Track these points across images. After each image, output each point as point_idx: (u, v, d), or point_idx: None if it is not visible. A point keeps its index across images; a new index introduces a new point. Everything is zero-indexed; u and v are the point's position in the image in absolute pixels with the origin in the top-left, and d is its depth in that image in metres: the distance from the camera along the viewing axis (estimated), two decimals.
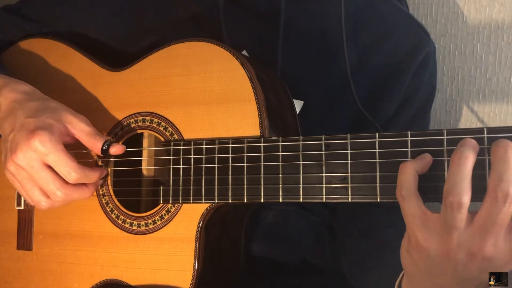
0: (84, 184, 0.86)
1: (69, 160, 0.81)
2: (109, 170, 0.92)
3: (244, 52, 0.94)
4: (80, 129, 0.85)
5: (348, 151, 0.71)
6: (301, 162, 0.74)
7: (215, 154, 0.81)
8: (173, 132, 0.86)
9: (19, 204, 0.99)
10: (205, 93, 0.84)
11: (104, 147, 0.85)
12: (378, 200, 0.69)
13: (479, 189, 0.61)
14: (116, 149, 0.86)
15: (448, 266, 0.62)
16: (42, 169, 0.81)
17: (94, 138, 0.85)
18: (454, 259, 0.61)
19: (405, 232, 0.66)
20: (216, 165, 0.81)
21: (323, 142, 0.73)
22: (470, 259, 0.60)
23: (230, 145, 0.80)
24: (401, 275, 0.72)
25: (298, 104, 0.92)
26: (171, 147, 0.85)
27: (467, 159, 0.59)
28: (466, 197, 0.58)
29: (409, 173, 0.63)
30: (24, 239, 0.98)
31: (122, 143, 0.91)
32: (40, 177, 0.81)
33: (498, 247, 0.59)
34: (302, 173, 0.74)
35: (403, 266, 0.68)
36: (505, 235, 0.59)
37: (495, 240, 0.59)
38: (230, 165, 0.80)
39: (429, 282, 0.65)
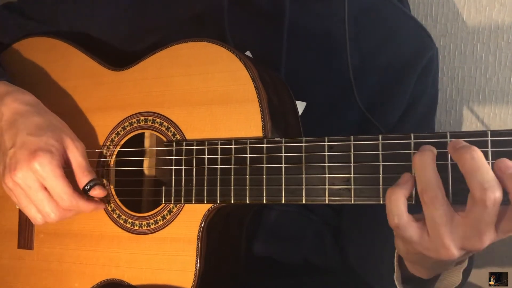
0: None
1: (65, 187, 0.82)
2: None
3: (248, 53, 0.93)
4: (74, 157, 0.85)
5: (351, 153, 0.71)
6: (304, 164, 0.74)
7: (217, 154, 0.81)
8: (176, 132, 0.86)
9: None
10: (207, 94, 0.84)
11: (86, 187, 0.85)
12: (381, 202, 0.69)
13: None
14: (98, 192, 0.86)
15: (441, 262, 0.65)
16: (39, 190, 0.82)
17: (82, 173, 0.85)
18: (450, 259, 0.62)
19: None
20: (219, 166, 0.81)
21: (326, 143, 0.73)
22: (467, 254, 0.63)
23: (233, 146, 0.80)
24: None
25: (300, 105, 0.92)
26: (173, 147, 0.85)
27: (428, 158, 0.62)
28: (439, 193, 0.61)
29: (399, 202, 0.64)
30: (25, 238, 0.98)
31: (124, 143, 0.91)
32: (37, 198, 0.82)
33: (492, 238, 0.60)
34: (305, 175, 0.74)
35: (397, 248, 0.71)
36: (497, 224, 0.60)
37: (490, 235, 0.60)
38: (232, 166, 0.80)
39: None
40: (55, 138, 0.83)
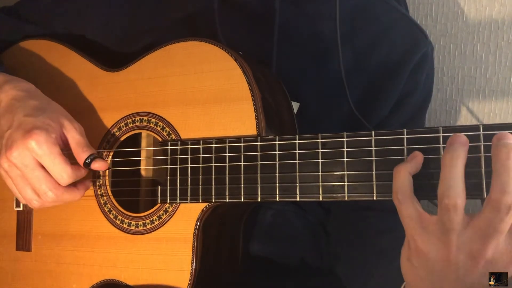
0: (75, 186, 0.87)
1: (63, 164, 0.81)
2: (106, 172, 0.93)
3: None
4: (72, 136, 0.85)
5: (344, 149, 0.71)
6: (297, 161, 0.74)
7: (212, 153, 0.81)
8: (171, 132, 0.86)
9: (18, 205, 0.99)
10: (202, 93, 0.84)
11: (87, 161, 0.85)
12: (375, 198, 0.69)
13: (475, 187, 0.62)
14: (99, 165, 0.86)
15: (449, 271, 0.61)
16: (36, 168, 0.81)
17: (82, 149, 0.85)
18: (455, 263, 0.60)
19: (405, 240, 0.65)
20: (213, 165, 0.81)
21: (319, 140, 0.73)
22: (472, 262, 0.60)
23: (227, 145, 0.80)
24: (402, 286, 0.71)
25: (295, 106, 0.92)
26: (168, 147, 0.85)
27: (458, 160, 0.59)
28: (460, 200, 0.58)
29: (403, 177, 0.63)
30: (23, 240, 0.98)
31: (119, 144, 0.91)
32: (34, 177, 0.82)
33: (499, 249, 0.58)
34: (299, 172, 0.74)
35: (404, 276, 0.67)
36: (506, 238, 0.58)
37: (496, 243, 0.58)
38: (227, 164, 0.80)
39: None
40: (52, 118, 0.83)
